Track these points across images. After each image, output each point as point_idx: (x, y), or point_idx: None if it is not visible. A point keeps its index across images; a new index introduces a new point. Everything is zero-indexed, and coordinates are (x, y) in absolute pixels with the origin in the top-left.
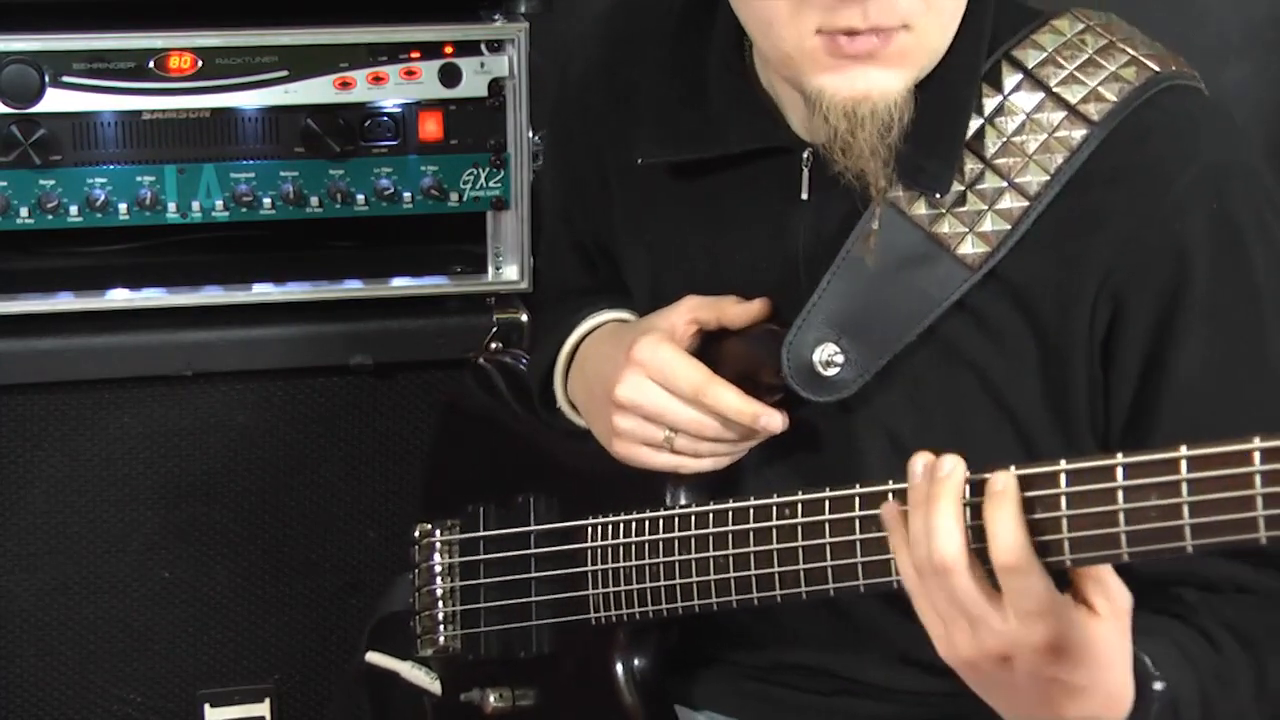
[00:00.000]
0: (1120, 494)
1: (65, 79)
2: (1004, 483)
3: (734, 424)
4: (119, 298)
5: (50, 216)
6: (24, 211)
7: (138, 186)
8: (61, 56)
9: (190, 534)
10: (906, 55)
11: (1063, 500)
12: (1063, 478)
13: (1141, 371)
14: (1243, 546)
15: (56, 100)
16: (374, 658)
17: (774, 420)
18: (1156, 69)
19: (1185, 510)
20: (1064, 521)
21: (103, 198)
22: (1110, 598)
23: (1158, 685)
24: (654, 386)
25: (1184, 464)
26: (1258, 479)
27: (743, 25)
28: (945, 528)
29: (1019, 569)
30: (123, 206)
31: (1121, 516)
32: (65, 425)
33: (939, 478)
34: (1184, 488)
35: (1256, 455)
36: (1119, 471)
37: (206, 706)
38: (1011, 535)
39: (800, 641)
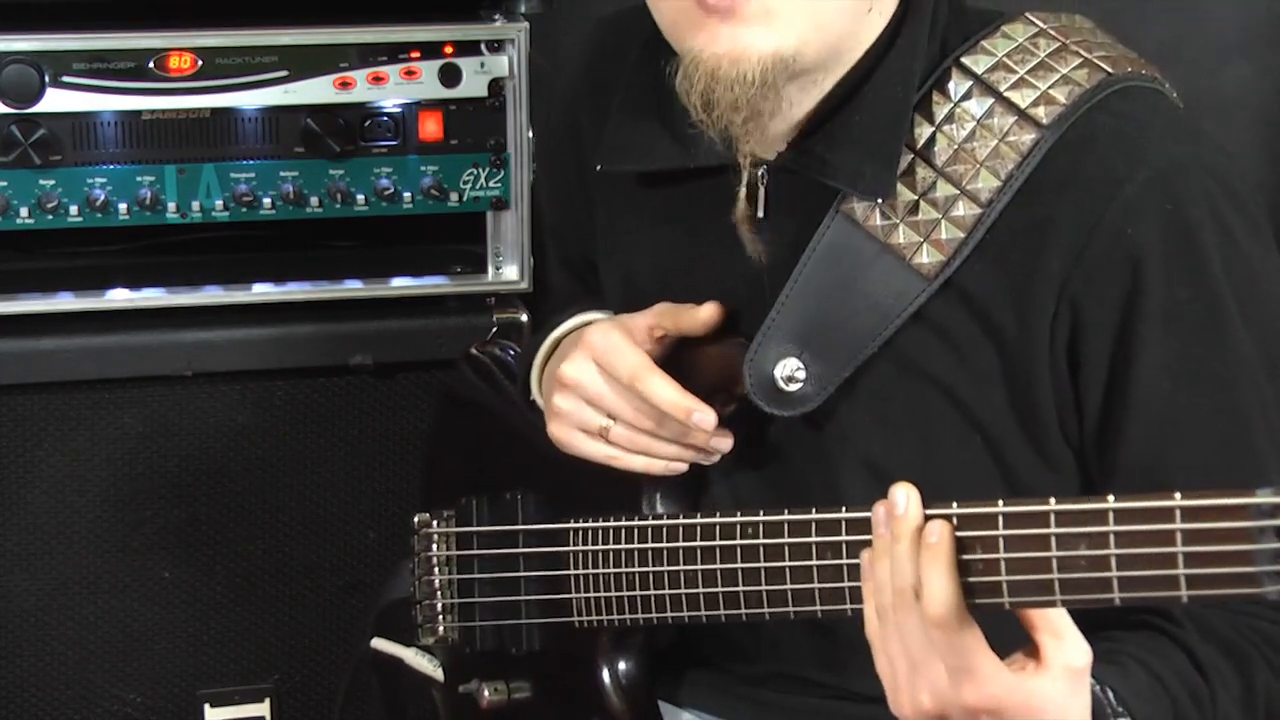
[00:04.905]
0: (1053, 540)
1: (65, 79)
2: (939, 534)
3: (669, 421)
4: (119, 298)
5: (50, 216)
6: (24, 211)
7: (138, 186)
8: (61, 56)
9: (190, 534)
10: (772, 13)
11: (1000, 542)
12: (1001, 520)
13: (1107, 379)
14: (1167, 605)
15: (56, 100)
16: (379, 643)
17: (708, 419)
18: (1109, 70)
19: (1113, 562)
20: (1002, 564)
21: (103, 198)
22: (1065, 652)
23: None
24: (596, 369)
25: (1110, 515)
26: (1179, 536)
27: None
28: (908, 571)
29: (947, 624)
30: (123, 206)
31: (1055, 563)
32: (65, 425)
33: (896, 515)
34: (1111, 539)
35: (1177, 513)
36: (1052, 518)
37: (206, 706)
38: (944, 589)
39: (785, 655)
